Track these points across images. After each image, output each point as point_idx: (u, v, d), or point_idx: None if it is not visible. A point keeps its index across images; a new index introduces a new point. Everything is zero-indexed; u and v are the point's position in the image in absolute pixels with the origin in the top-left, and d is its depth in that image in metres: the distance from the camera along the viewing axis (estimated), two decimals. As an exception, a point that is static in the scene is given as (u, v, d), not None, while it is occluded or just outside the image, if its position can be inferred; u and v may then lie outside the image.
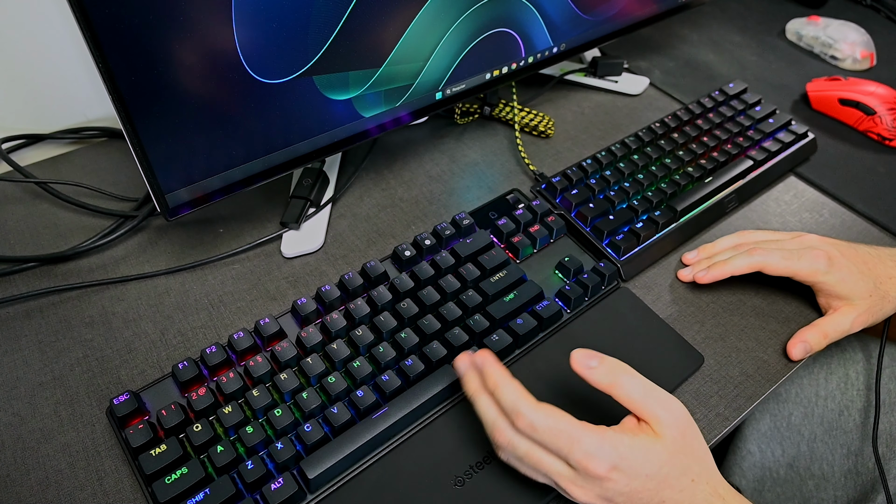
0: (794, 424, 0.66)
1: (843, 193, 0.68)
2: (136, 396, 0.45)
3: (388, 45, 0.54)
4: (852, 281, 0.53)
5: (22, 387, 0.49)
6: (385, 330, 0.50)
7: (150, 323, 0.53)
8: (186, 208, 0.51)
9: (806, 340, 0.54)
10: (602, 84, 0.80)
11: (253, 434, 0.44)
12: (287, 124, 0.52)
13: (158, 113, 0.45)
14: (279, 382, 0.46)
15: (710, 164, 0.66)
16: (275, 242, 0.60)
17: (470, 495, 0.43)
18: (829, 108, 0.78)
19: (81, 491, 0.43)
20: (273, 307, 0.55)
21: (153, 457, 0.42)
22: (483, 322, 0.51)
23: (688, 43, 0.90)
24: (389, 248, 0.60)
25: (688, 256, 0.60)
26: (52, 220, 0.61)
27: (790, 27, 0.92)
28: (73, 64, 0.65)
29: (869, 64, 0.87)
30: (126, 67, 0.41)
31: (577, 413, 0.47)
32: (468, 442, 0.46)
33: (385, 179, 0.67)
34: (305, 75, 0.50)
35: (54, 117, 0.68)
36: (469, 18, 0.57)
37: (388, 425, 0.45)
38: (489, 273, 0.55)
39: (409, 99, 0.59)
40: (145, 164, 0.46)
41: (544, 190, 0.64)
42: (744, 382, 0.52)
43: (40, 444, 0.46)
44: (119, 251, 0.59)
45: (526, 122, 0.72)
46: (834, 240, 0.56)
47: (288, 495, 0.41)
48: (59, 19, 0.62)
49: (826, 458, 0.64)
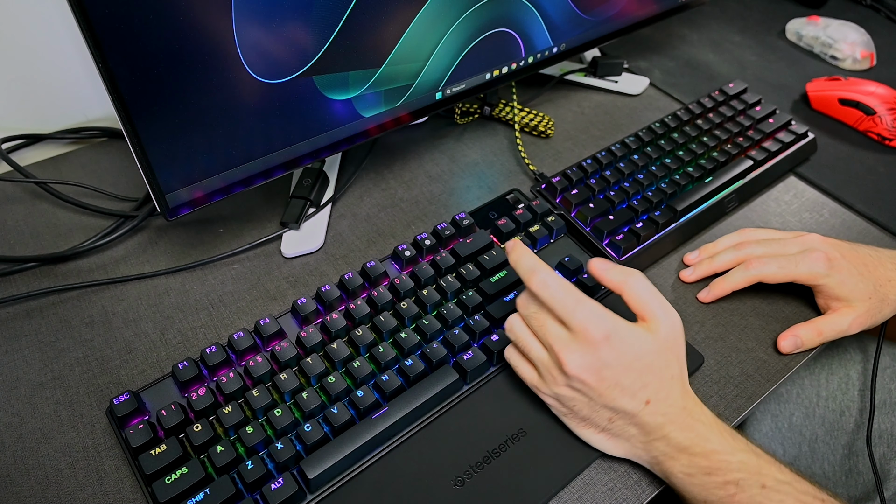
0: (795, 425, 0.66)
1: (843, 193, 0.68)
2: (136, 396, 0.45)
3: (388, 45, 0.54)
4: (852, 283, 0.53)
5: (22, 387, 0.49)
6: (385, 330, 0.50)
7: (150, 323, 0.53)
8: (186, 208, 0.51)
9: (798, 335, 0.54)
10: (602, 84, 0.80)
11: (253, 434, 0.44)
12: (287, 124, 0.52)
13: (158, 113, 0.45)
14: (279, 382, 0.46)
15: (710, 164, 0.66)
16: (275, 242, 0.60)
17: (470, 495, 0.43)
18: (829, 108, 0.78)
19: (81, 491, 0.43)
20: (273, 307, 0.55)
21: (153, 457, 0.42)
22: (483, 322, 0.51)
23: (688, 43, 0.90)
24: (389, 248, 0.60)
25: (689, 257, 0.60)
26: (52, 220, 0.61)
27: (790, 27, 0.92)
28: (73, 64, 0.65)
29: (869, 64, 0.87)
30: (126, 67, 0.41)
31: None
32: (468, 442, 0.46)
33: (385, 179, 0.67)
34: (305, 75, 0.50)
35: (54, 117, 0.68)
36: (469, 18, 0.57)
37: (388, 425, 0.45)
38: (489, 273, 0.55)
39: (409, 99, 0.59)
40: (145, 164, 0.46)
41: (544, 190, 0.64)
42: (744, 382, 0.52)
43: (40, 444, 0.46)
44: (119, 251, 0.59)
45: (526, 122, 0.72)
46: (835, 240, 0.56)
47: (288, 495, 0.41)
48: (59, 19, 0.62)
49: (827, 458, 0.64)
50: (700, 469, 0.42)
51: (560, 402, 0.45)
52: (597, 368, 0.42)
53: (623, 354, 0.42)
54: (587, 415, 0.44)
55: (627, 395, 0.42)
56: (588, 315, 0.42)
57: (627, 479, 0.46)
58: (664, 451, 0.43)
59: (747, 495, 0.41)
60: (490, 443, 0.46)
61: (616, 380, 0.42)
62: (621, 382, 0.42)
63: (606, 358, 0.42)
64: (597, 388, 0.42)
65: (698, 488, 0.42)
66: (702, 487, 0.42)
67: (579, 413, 0.44)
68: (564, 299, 0.43)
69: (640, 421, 0.43)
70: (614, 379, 0.42)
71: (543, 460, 0.45)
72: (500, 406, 0.48)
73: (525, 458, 0.45)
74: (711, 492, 0.41)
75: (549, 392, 0.45)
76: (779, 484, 0.41)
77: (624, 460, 0.46)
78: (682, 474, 0.42)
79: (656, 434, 0.43)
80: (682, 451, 0.42)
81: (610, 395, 0.42)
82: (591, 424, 0.45)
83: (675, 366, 0.44)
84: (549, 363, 0.44)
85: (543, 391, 0.45)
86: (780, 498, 0.41)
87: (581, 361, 0.42)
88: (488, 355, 0.50)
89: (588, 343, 0.42)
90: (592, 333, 0.42)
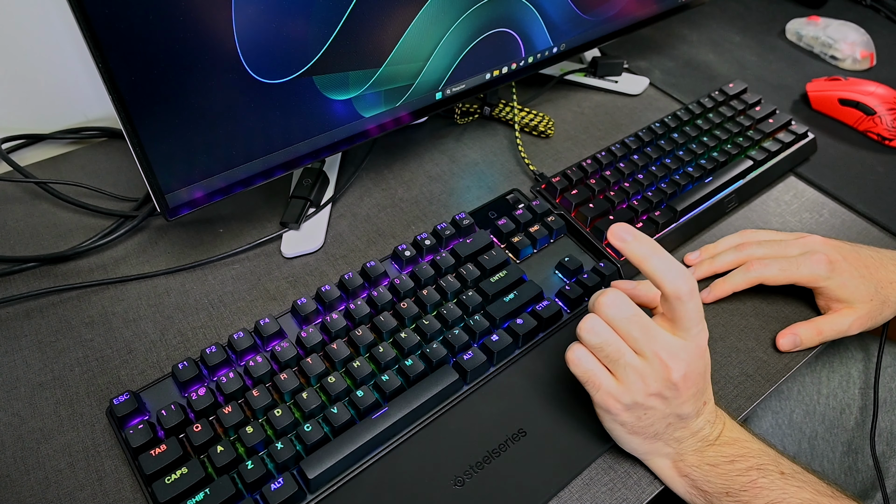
0: (795, 422, 0.66)
1: (843, 193, 0.68)
2: (136, 396, 0.45)
3: (388, 45, 0.54)
4: (853, 285, 0.53)
5: (22, 387, 0.49)
6: (385, 330, 0.50)
7: (150, 323, 0.53)
8: (186, 208, 0.51)
9: (797, 334, 0.54)
10: (602, 84, 0.80)
11: (253, 434, 0.44)
12: (287, 124, 0.52)
13: (158, 113, 0.45)
14: (279, 382, 0.46)
15: (710, 164, 0.66)
16: (275, 242, 0.60)
17: (470, 495, 0.43)
18: (829, 108, 0.78)
19: (81, 491, 0.43)
20: (273, 307, 0.55)
21: (153, 457, 0.42)
22: (483, 322, 0.51)
23: (688, 43, 0.90)
24: (389, 248, 0.60)
25: (690, 257, 0.60)
26: (52, 220, 0.61)
27: (790, 27, 0.92)
28: (73, 64, 0.65)
29: (869, 64, 0.87)
30: (126, 67, 0.41)
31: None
32: (468, 442, 0.46)
33: (385, 179, 0.67)
34: (305, 75, 0.50)
35: (54, 117, 0.68)
36: (469, 18, 0.57)
37: (388, 425, 0.45)
38: (489, 273, 0.55)
39: (409, 99, 0.58)
40: (145, 164, 0.46)
41: (544, 190, 0.64)
42: (744, 382, 0.52)
43: (40, 444, 0.46)
44: (119, 251, 0.59)
45: (526, 122, 0.72)
46: (836, 242, 0.56)
47: (288, 495, 0.41)
48: (59, 19, 0.62)
49: (827, 455, 0.64)
50: (725, 458, 0.42)
51: (630, 412, 0.42)
52: (694, 377, 0.42)
53: (707, 363, 0.43)
54: (652, 422, 0.42)
55: (699, 401, 0.43)
56: (704, 324, 0.42)
57: (627, 479, 0.46)
58: (695, 448, 0.43)
59: (768, 481, 0.41)
60: (490, 443, 0.46)
61: (698, 387, 0.42)
62: (701, 390, 0.43)
63: (702, 367, 0.42)
64: (685, 395, 0.42)
65: (722, 478, 0.42)
66: (725, 477, 0.42)
67: (645, 420, 0.42)
68: (698, 310, 0.41)
69: (692, 423, 0.43)
70: (697, 386, 0.42)
71: (543, 460, 0.45)
72: (500, 406, 0.48)
73: (525, 458, 0.45)
74: (734, 479, 0.42)
75: (627, 401, 0.42)
76: (795, 472, 0.42)
77: (625, 460, 0.46)
78: (707, 465, 0.43)
79: (694, 431, 0.43)
80: (711, 444, 0.43)
81: (688, 403, 0.42)
82: (646, 433, 0.43)
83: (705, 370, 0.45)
84: (643, 370, 0.41)
85: (620, 400, 0.42)
86: (798, 485, 0.41)
87: (686, 370, 0.41)
88: (488, 355, 0.50)
89: (697, 352, 0.42)
90: (703, 343, 0.42)
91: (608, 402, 0.42)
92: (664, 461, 0.44)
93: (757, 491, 0.41)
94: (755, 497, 0.41)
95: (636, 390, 0.41)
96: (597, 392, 0.43)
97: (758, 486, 0.41)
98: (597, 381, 0.42)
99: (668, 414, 0.42)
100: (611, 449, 0.46)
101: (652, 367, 0.41)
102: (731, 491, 0.42)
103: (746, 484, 0.41)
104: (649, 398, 0.41)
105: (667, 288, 0.40)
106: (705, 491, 0.43)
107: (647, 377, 0.41)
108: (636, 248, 0.42)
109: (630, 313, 0.42)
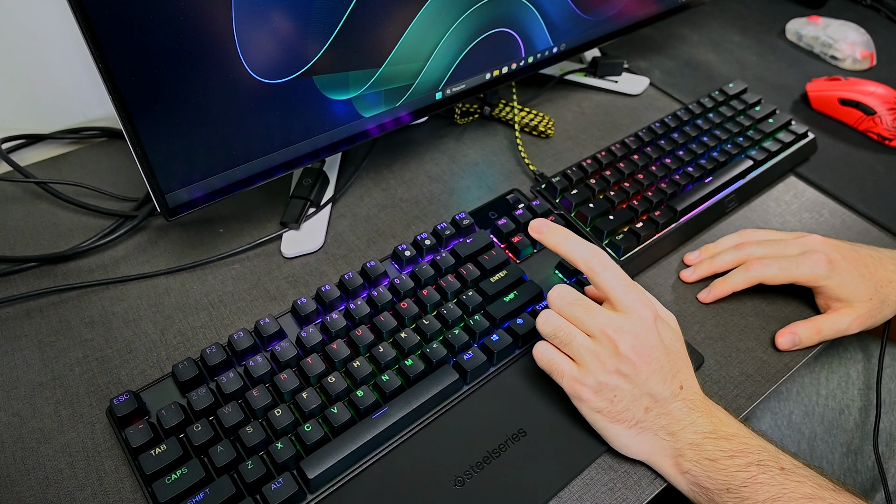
0: (794, 423, 0.66)
1: (843, 193, 0.68)
2: (136, 396, 0.45)
3: (388, 45, 0.54)
4: (853, 284, 0.53)
5: (22, 387, 0.49)
6: (385, 330, 0.50)
7: (150, 323, 0.53)
8: (186, 208, 0.51)
9: (796, 333, 0.54)
10: (602, 84, 0.80)
11: (253, 434, 0.44)
12: (287, 124, 0.52)
13: (158, 113, 0.45)
14: (279, 382, 0.46)
15: (710, 164, 0.66)
16: (275, 242, 0.60)
17: (470, 495, 0.43)
18: (829, 108, 0.78)
19: (81, 491, 0.43)
20: (273, 307, 0.55)
21: (153, 457, 0.42)
22: (483, 322, 0.51)
23: (688, 43, 0.90)
24: (389, 248, 0.60)
25: (689, 257, 0.60)
26: (52, 220, 0.61)
27: (790, 27, 0.92)
28: (73, 64, 0.65)
29: (869, 64, 0.87)
30: (126, 67, 0.41)
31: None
32: (468, 442, 0.46)
33: (385, 179, 0.67)
34: (305, 75, 0.50)
35: (54, 117, 0.68)
36: (469, 18, 0.57)
37: (388, 425, 0.45)
38: (489, 273, 0.55)
39: (409, 99, 0.59)
40: (145, 164, 0.46)
41: (544, 190, 0.64)
42: (744, 382, 0.52)
43: (40, 444, 0.46)
44: (119, 251, 0.59)
45: (526, 122, 0.72)
46: (836, 241, 0.56)
47: (288, 495, 0.41)
48: (59, 19, 0.62)
49: (826, 456, 0.64)
50: (724, 452, 0.42)
51: (599, 394, 0.44)
52: (647, 349, 0.43)
53: (664, 337, 0.44)
54: (626, 405, 0.43)
55: (667, 379, 0.44)
56: (640, 296, 0.45)
57: (627, 478, 0.46)
58: (690, 441, 0.43)
59: (769, 476, 0.41)
60: (490, 443, 0.46)
61: (660, 363, 0.43)
62: (663, 366, 0.43)
63: (654, 339, 0.44)
64: (644, 370, 0.43)
65: (722, 474, 0.42)
66: (725, 472, 0.42)
67: (619, 403, 0.44)
68: (618, 280, 0.44)
69: (672, 409, 0.44)
70: (658, 362, 0.43)
71: (543, 460, 0.45)
72: (500, 406, 0.48)
73: (525, 458, 0.45)
74: (734, 475, 0.42)
75: (591, 382, 0.44)
76: (795, 468, 0.42)
77: (624, 460, 0.46)
78: (706, 461, 0.42)
79: (685, 422, 0.43)
80: (708, 437, 0.43)
81: (653, 379, 0.43)
82: (625, 418, 0.44)
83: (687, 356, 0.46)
84: (595, 349, 0.44)
85: (584, 382, 0.44)
86: (799, 480, 0.41)
87: (634, 342, 0.43)
88: (488, 355, 0.50)
89: (641, 323, 0.43)
90: (645, 314, 0.44)
91: (575, 387, 0.44)
92: (666, 460, 0.44)
93: (758, 486, 0.41)
94: (756, 493, 0.41)
95: (595, 369, 0.43)
96: (562, 379, 0.45)
97: (758, 481, 0.41)
98: (559, 368, 0.45)
99: (637, 394, 0.43)
100: (611, 449, 0.46)
101: (602, 345, 0.43)
102: (731, 487, 0.42)
103: (747, 480, 0.41)
104: (610, 376, 0.43)
105: (579, 263, 0.46)
106: (706, 488, 0.43)
107: (600, 354, 0.43)
108: (550, 237, 0.47)
109: (573, 299, 0.45)
